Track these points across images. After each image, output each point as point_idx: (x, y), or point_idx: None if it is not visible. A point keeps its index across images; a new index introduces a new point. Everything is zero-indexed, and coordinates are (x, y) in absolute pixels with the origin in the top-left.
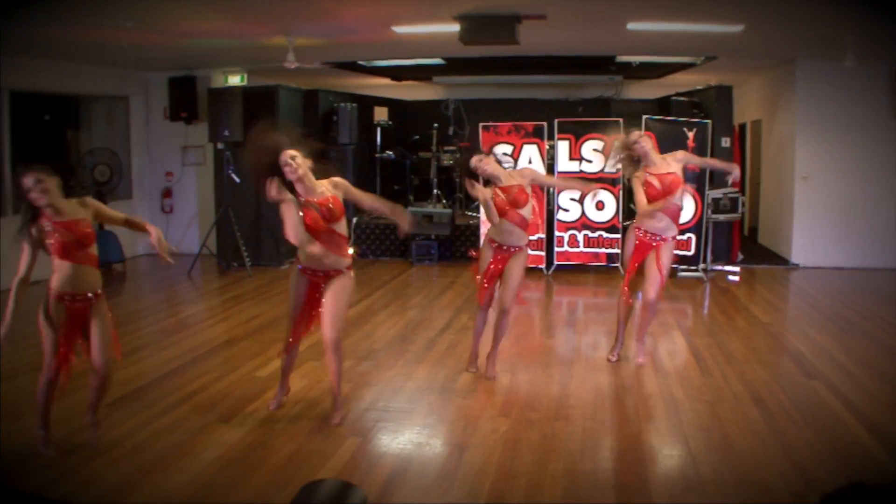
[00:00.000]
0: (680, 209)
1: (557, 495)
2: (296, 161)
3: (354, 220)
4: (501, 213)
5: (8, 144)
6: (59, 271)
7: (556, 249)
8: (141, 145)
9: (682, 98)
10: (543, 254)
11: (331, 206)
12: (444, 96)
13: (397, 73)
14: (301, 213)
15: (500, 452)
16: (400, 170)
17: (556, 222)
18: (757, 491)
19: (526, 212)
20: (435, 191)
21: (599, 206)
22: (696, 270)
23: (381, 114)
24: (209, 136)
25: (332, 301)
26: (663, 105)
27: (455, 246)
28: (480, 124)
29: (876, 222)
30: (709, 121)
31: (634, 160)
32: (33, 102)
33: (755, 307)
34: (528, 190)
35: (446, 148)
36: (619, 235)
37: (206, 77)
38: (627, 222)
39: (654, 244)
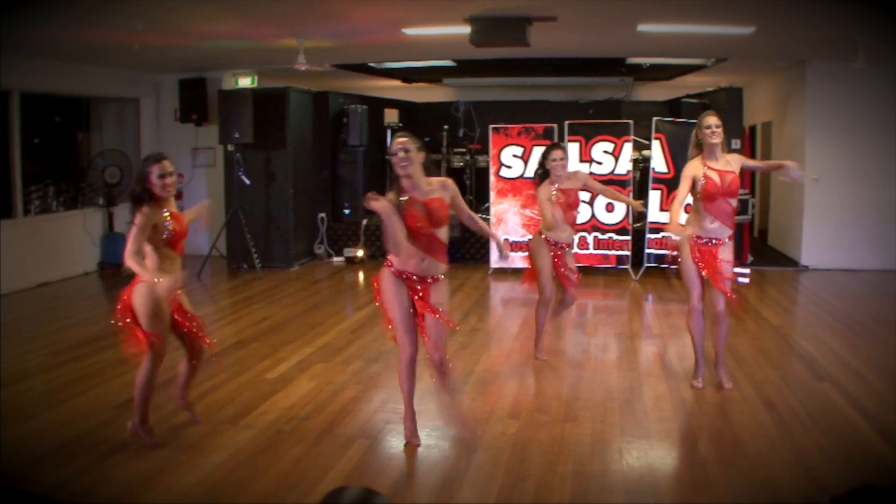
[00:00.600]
0: (735, 210)
1: (566, 497)
2: (408, 154)
3: (364, 221)
4: (564, 212)
5: (18, 146)
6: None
7: None
8: (151, 147)
9: (692, 100)
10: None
11: (437, 207)
12: (454, 98)
13: (407, 75)
14: (403, 214)
15: (509, 454)
16: None
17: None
18: (767, 493)
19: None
20: None
21: (609, 208)
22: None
23: (391, 116)
24: (219, 137)
25: (435, 321)
26: (674, 107)
27: (465, 248)
28: (490, 126)
29: (887, 224)
30: None
31: (697, 144)
32: (44, 104)
33: (765, 309)
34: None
35: (456, 150)
36: (628, 237)
37: (217, 79)
38: (660, 230)
39: (711, 248)
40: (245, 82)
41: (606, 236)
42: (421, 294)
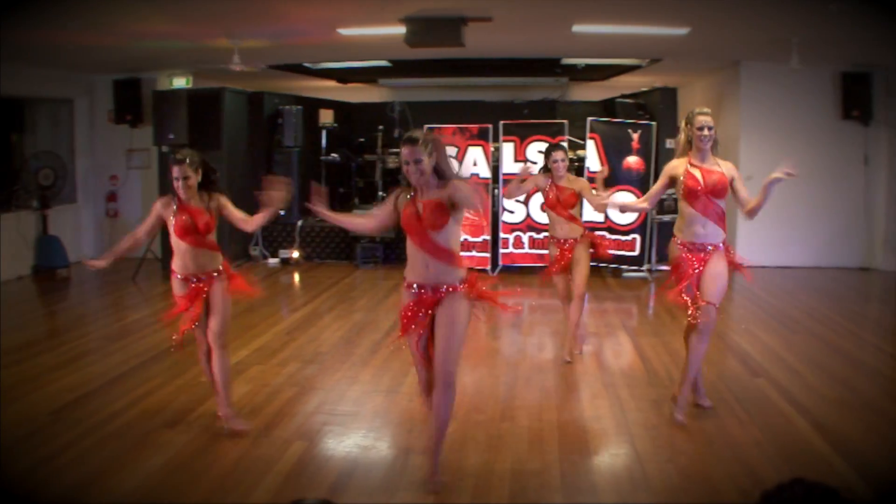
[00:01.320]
0: (723, 212)
1: (505, 496)
2: (420, 165)
3: (300, 222)
4: (551, 207)
5: None
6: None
7: (501, 251)
8: (85, 149)
9: (627, 100)
10: (488, 255)
11: (431, 209)
12: (389, 98)
13: (343, 76)
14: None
15: (447, 454)
16: (345, 172)
17: (500, 224)
18: (704, 489)
19: (575, 211)
20: (380, 193)
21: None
22: (641, 271)
23: (326, 116)
24: (154, 139)
25: (444, 329)
26: (608, 107)
27: (400, 248)
28: (425, 126)
29: (819, 222)
30: (654, 122)
31: (687, 141)
32: None
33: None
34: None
35: (391, 150)
36: None
37: (152, 79)
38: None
39: (706, 255)
40: (180, 83)
41: (541, 235)
42: (430, 305)
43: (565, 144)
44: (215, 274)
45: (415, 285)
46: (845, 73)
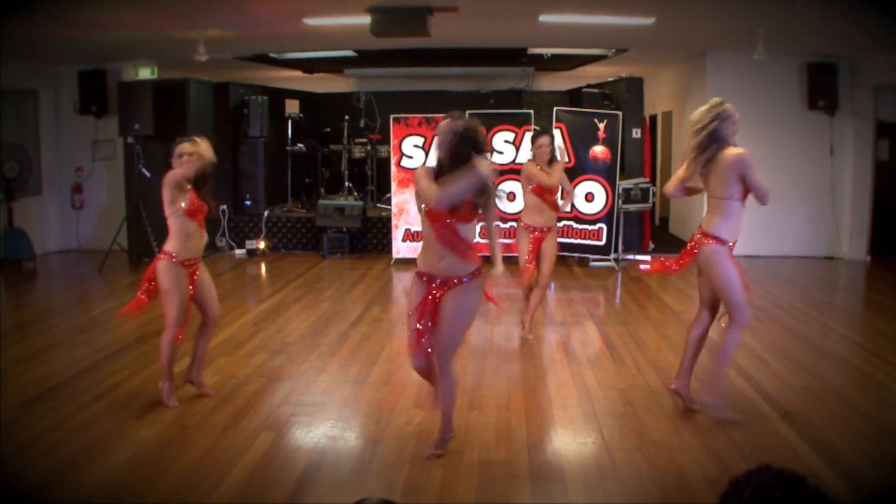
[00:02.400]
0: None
1: (473, 485)
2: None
3: (266, 212)
4: (538, 194)
5: None
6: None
7: None
8: (50, 140)
9: (593, 90)
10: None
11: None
12: (355, 88)
13: (309, 66)
14: None
15: (415, 444)
16: (311, 162)
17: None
18: (672, 477)
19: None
20: (346, 183)
21: (511, 197)
22: (607, 260)
23: (292, 106)
24: (119, 130)
25: (448, 319)
26: (574, 97)
27: (367, 238)
28: (391, 116)
29: (784, 212)
30: (620, 112)
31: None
32: None
33: (667, 296)
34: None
35: (357, 140)
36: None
37: (117, 70)
38: None
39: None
40: (145, 74)
41: (507, 225)
42: (437, 296)
43: (552, 131)
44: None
45: (425, 276)
46: (811, 63)
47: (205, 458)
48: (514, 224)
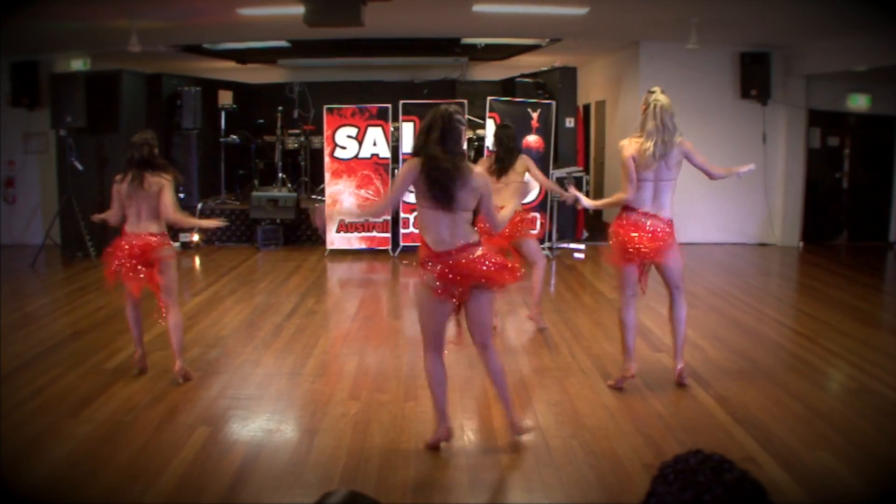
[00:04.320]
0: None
1: (410, 475)
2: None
3: (200, 205)
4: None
5: None
6: None
7: (402, 231)
8: None
9: (526, 79)
10: (389, 235)
11: None
12: (289, 79)
13: (242, 56)
14: None
15: (351, 435)
16: (245, 154)
17: (401, 204)
18: (608, 463)
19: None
20: (280, 175)
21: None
22: (542, 248)
23: (225, 97)
24: (52, 122)
25: (481, 296)
26: (508, 86)
27: (301, 230)
28: (325, 107)
29: (719, 199)
30: (553, 101)
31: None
32: None
33: (601, 283)
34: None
35: (291, 131)
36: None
37: (49, 62)
38: None
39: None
40: (77, 65)
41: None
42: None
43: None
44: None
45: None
46: (744, 52)
47: (142, 453)
48: None
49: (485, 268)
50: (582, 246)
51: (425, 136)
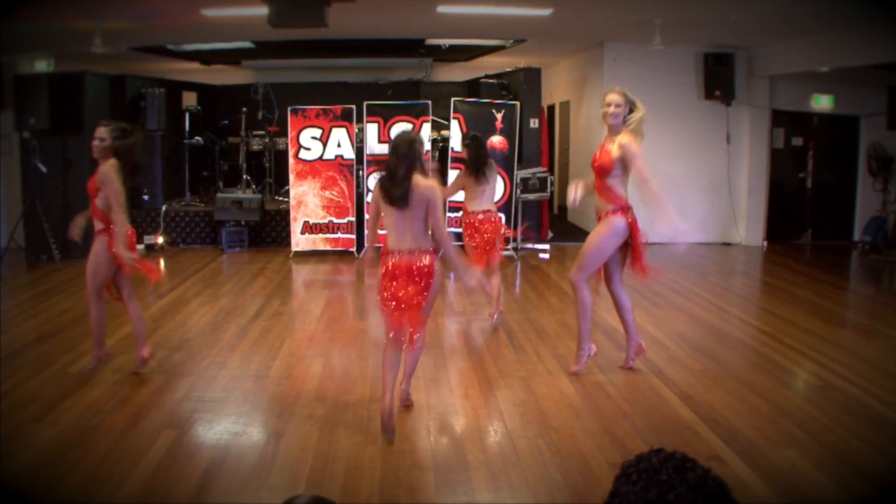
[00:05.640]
0: (608, 188)
1: (377, 476)
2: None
3: (164, 207)
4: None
5: None
6: None
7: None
8: None
9: (491, 80)
10: (354, 237)
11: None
12: (253, 80)
13: (206, 57)
14: None
15: (317, 437)
16: (209, 155)
17: (366, 205)
18: (575, 463)
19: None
20: (244, 176)
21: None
22: (507, 249)
23: (189, 99)
24: (14, 124)
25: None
26: (472, 87)
27: (266, 232)
28: (289, 108)
29: (684, 199)
30: (517, 102)
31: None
32: None
33: (566, 284)
34: None
35: (255, 133)
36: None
37: (12, 63)
38: None
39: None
40: (41, 67)
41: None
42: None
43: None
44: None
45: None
46: (707, 53)
47: (107, 458)
48: None
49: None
50: (547, 246)
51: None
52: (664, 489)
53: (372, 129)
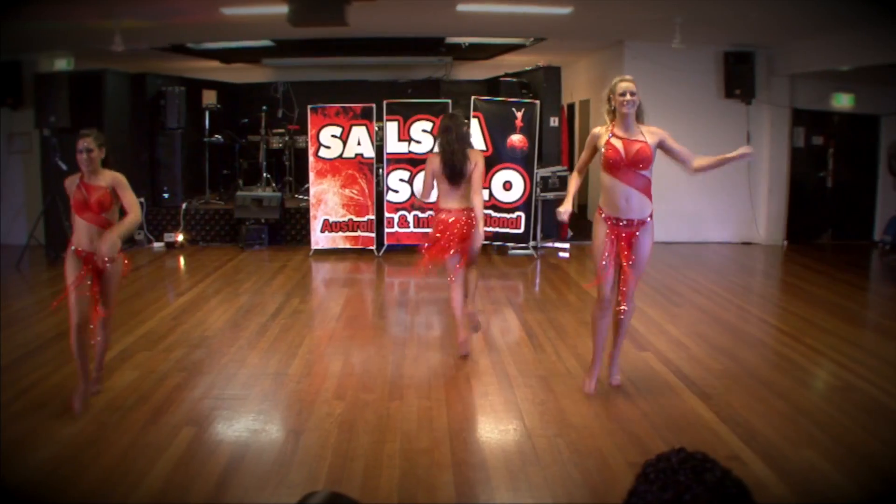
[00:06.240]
0: (649, 182)
1: (395, 475)
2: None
3: (184, 205)
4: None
5: None
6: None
7: (387, 230)
8: None
9: (511, 79)
10: (374, 235)
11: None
12: (273, 79)
13: (226, 56)
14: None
15: (336, 435)
16: (229, 154)
17: (385, 203)
18: (593, 461)
19: None
20: (264, 174)
21: None
22: (526, 248)
23: (209, 97)
24: (35, 122)
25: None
26: (492, 86)
27: (285, 230)
28: (309, 106)
29: (704, 198)
30: (537, 101)
31: (611, 110)
32: None
33: (585, 282)
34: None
35: (275, 131)
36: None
37: (33, 62)
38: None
39: (630, 231)
40: (61, 65)
41: (426, 214)
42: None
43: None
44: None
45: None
46: (728, 52)
47: (126, 454)
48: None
49: None
50: (566, 245)
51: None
52: (681, 490)
53: (392, 128)
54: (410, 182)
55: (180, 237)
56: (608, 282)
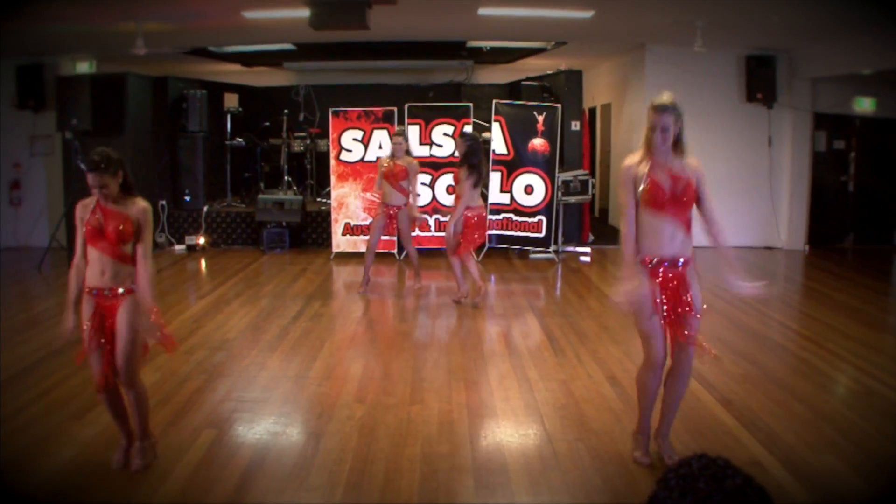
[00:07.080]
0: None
1: (416, 479)
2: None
3: (205, 207)
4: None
5: None
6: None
7: None
8: None
9: (532, 82)
10: (395, 239)
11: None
12: (294, 82)
13: (248, 59)
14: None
15: (357, 438)
16: (250, 157)
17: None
18: (614, 466)
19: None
20: (286, 178)
21: (450, 190)
22: (547, 252)
23: (230, 100)
24: (57, 124)
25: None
26: (514, 89)
27: (306, 233)
28: (330, 110)
29: (725, 203)
30: (559, 105)
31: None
32: None
33: (606, 287)
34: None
35: (297, 134)
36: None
37: (55, 64)
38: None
39: (676, 273)
40: (83, 68)
41: (447, 218)
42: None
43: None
44: (121, 292)
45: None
46: (749, 56)
47: None
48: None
49: None
50: (588, 249)
51: None
52: (700, 497)
53: (413, 131)
54: (432, 186)
55: (202, 240)
56: (661, 337)
